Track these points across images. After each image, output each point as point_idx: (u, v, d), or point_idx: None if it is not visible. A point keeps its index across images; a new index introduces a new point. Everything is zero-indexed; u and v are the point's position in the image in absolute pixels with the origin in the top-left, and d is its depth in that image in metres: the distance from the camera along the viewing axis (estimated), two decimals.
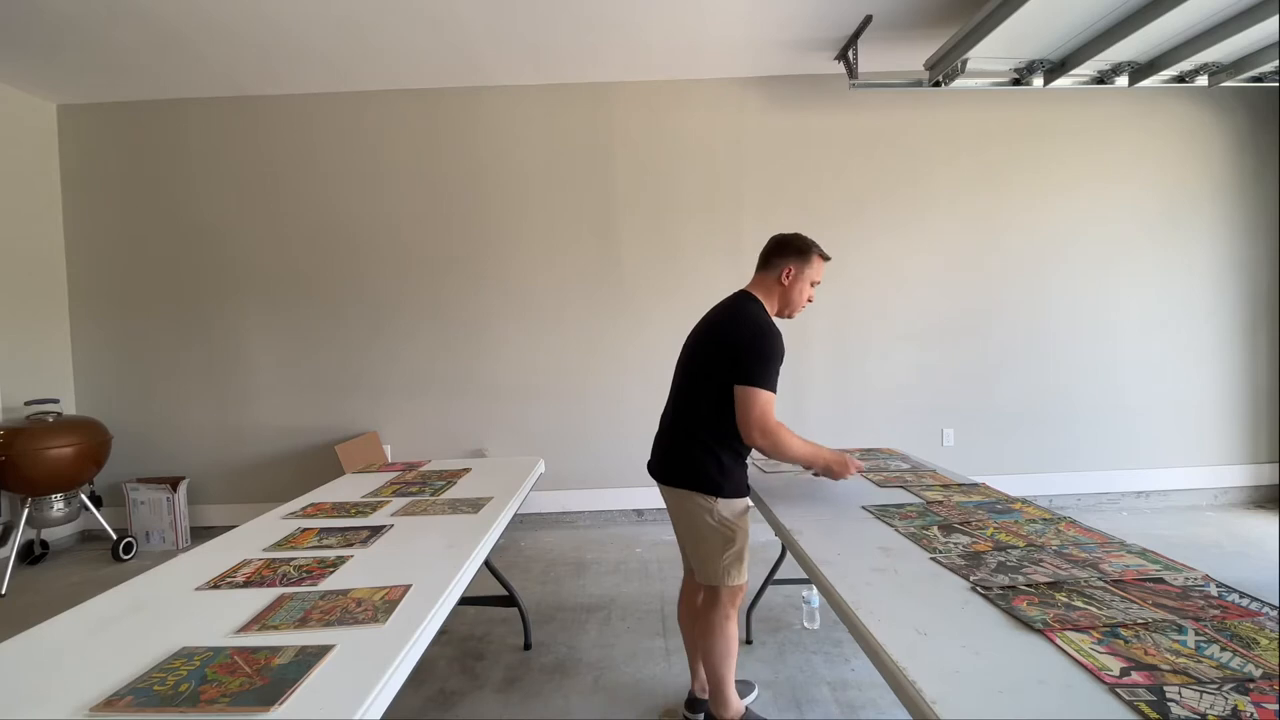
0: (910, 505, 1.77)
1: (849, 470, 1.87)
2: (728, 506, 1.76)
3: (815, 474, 1.95)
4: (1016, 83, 3.28)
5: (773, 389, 1.70)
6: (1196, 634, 1.00)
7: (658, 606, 2.83)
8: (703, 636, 1.84)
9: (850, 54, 3.45)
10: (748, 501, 1.84)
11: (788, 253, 1.84)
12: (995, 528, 1.54)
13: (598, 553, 3.56)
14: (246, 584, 1.37)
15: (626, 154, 3.97)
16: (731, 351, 1.73)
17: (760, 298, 1.85)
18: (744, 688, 2.10)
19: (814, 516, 1.72)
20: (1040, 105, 3.93)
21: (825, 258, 1.88)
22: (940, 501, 1.79)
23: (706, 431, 1.78)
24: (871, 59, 3.61)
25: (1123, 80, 3.20)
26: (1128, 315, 4.02)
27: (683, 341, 1.95)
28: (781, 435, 1.71)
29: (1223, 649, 0.95)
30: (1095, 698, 0.85)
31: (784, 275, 1.83)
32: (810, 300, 1.89)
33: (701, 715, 1.99)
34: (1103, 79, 3.21)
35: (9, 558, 3.44)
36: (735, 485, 1.78)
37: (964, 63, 3.06)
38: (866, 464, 2.24)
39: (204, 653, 1.06)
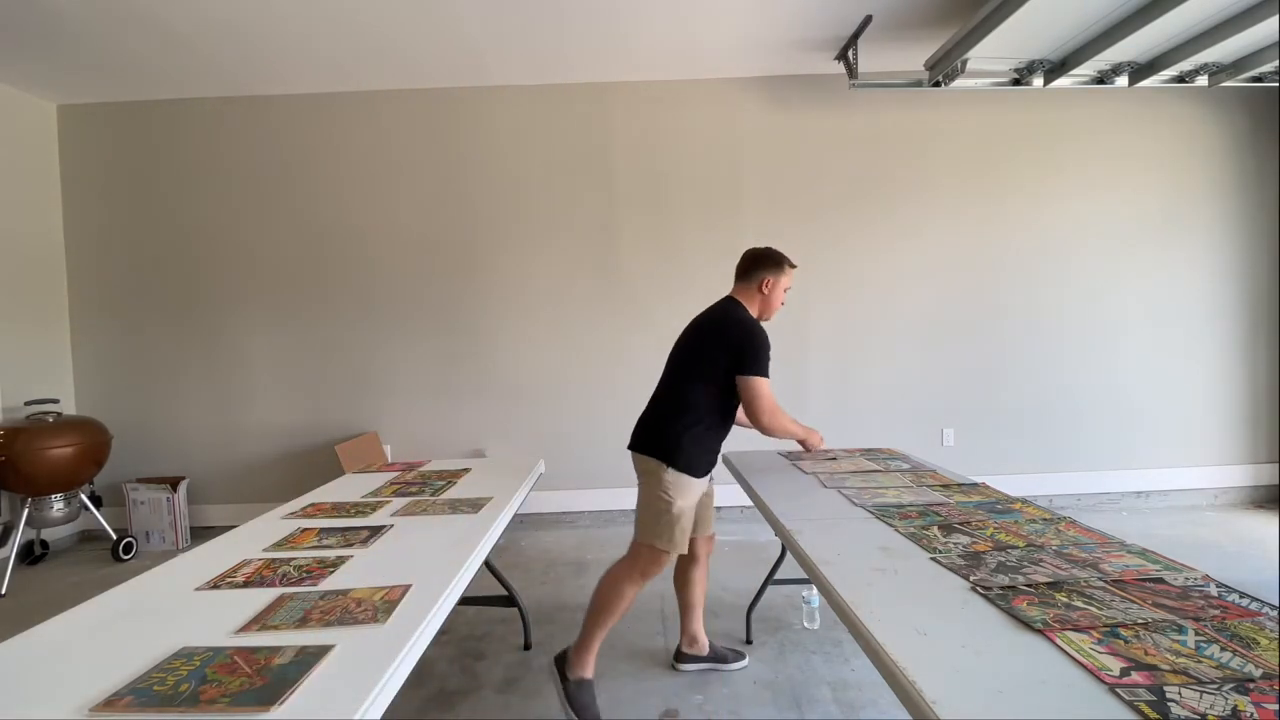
0: (910, 505, 1.77)
1: (820, 444, 2.31)
2: (675, 478, 1.97)
3: (802, 452, 2.45)
4: (1016, 83, 3.28)
5: (769, 376, 1.98)
6: (1196, 634, 1.00)
7: (658, 606, 2.83)
8: (603, 588, 2.03)
9: (850, 54, 3.45)
10: (698, 483, 2.03)
11: (766, 265, 2.12)
12: (995, 528, 1.54)
13: (598, 552, 3.56)
14: (246, 584, 1.37)
15: (627, 154, 3.96)
16: (733, 350, 1.98)
17: (744, 303, 2.11)
18: (734, 656, 2.35)
19: (814, 516, 1.72)
20: (1040, 105, 3.92)
21: (793, 266, 2.16)
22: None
23: (683, 414, 2.01)
24: (871, 59, 3.60)
25: (1123, 80, 3.20)
26: (1128, 315, 4.02)
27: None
28: (780, 414, 2.02)
29: (1223, 649, 0.95)
30: (1095, 698, 0.85)
31: (763, 285, 2.11)
32: (783, 304, 2.17)
33: (688, 664, 2.31)
34: (1103, 79, 3.21)
35: (9, 558, 3.44)
36: (688, 463, 1.98)
37: (964, 63, 3.06)
38: (867, 464, 2.36)
39: (204, 653, 1.06)
